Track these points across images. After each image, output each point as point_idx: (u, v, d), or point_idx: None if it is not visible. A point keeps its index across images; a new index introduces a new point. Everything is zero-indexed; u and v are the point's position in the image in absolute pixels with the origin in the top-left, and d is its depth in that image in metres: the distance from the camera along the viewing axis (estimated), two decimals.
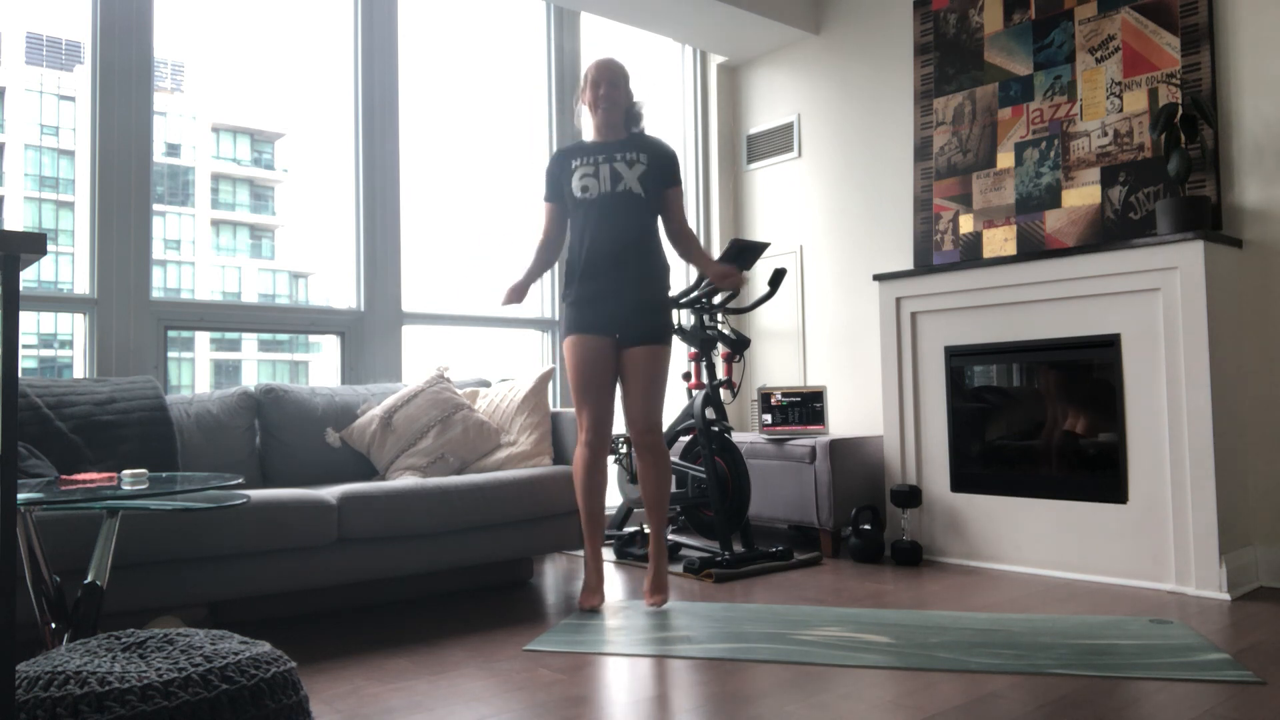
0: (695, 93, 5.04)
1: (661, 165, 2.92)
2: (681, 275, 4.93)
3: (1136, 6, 3.44)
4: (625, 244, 2.85)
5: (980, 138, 3.88)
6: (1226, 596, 2.91)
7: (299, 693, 1.55)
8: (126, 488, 1.86)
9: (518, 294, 2.92)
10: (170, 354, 3.35)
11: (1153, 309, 3.12)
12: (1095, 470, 3.29)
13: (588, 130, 3.01)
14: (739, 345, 3.71)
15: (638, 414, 2.85)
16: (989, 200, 3.84)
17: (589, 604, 2.87)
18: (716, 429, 3.65)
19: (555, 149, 3.05)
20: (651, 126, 3.19)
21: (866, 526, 3.69)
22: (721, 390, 3.97)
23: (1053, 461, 3.43)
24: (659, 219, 2.98)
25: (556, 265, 4.27)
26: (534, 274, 2.99)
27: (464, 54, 4.30)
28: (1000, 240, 3.79)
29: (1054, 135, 3.65)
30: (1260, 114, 3.16)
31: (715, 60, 5.01)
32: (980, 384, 3.66)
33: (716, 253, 4.95)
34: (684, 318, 4.72)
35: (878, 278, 3.89)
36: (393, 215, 3.86)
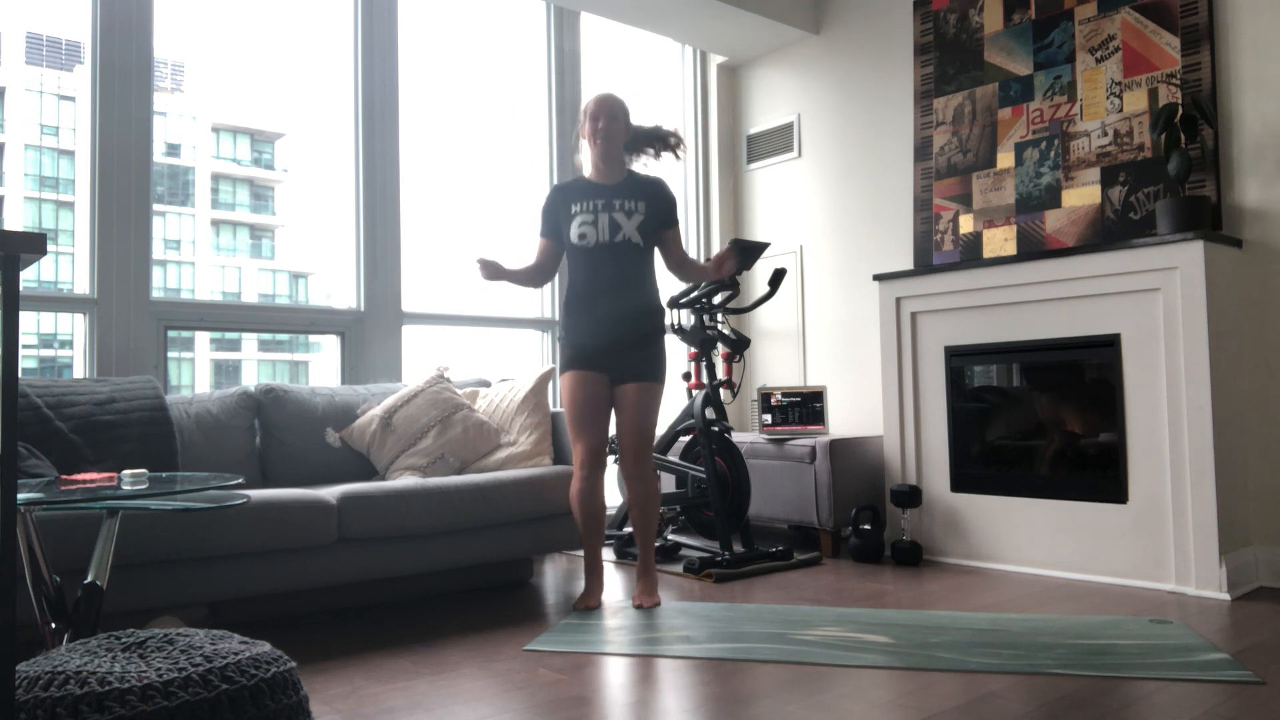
0: (695, 93, 5.04)
1: (660, 210, 2.98)
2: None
3: (1136, 6, 3.44)
4: (621, 289, 2.92)
5: (980, 138, 3.88)
6: (1226, 596, 2.91)
7: (299, 693, 1.55)
8: (126, 488, 1.86)
9: (491, 270, 2.89)
10: (170, 354, 3.34)
11: (1153, 309, 3.12)
12: (1095, 470, 3.29)
13: (586, 165, 3.03)
14: (739, 345, 3.71)
15: (627, 446, 2.94)
16: (989, 200, 3.84)
17: (584, 605, 2.90)
18: (716, 429, 3.65)
19: (554, 184, 3.06)
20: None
21: (866, 526, 3.69)
22: (721, 390, 3.97)
23: (1053, 461, 3.43)
24: (653, 257, 3.03)
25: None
26: (514, 278, 3.00)
27: (464, 54, 4.30)
28: (1000, 240, 3.79)
29: (1054, 135, 3.65)
30: (1260, 114, 3.16)
31: (715, 60, 5.01)
32: (980, 384, 3.66)
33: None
34: (684, 318, 4.72)
35: (878, 278, 3.89)
36: (393, 215, 3.86)
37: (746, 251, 3.64)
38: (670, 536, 3.85)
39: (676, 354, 4.85)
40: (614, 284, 2.91)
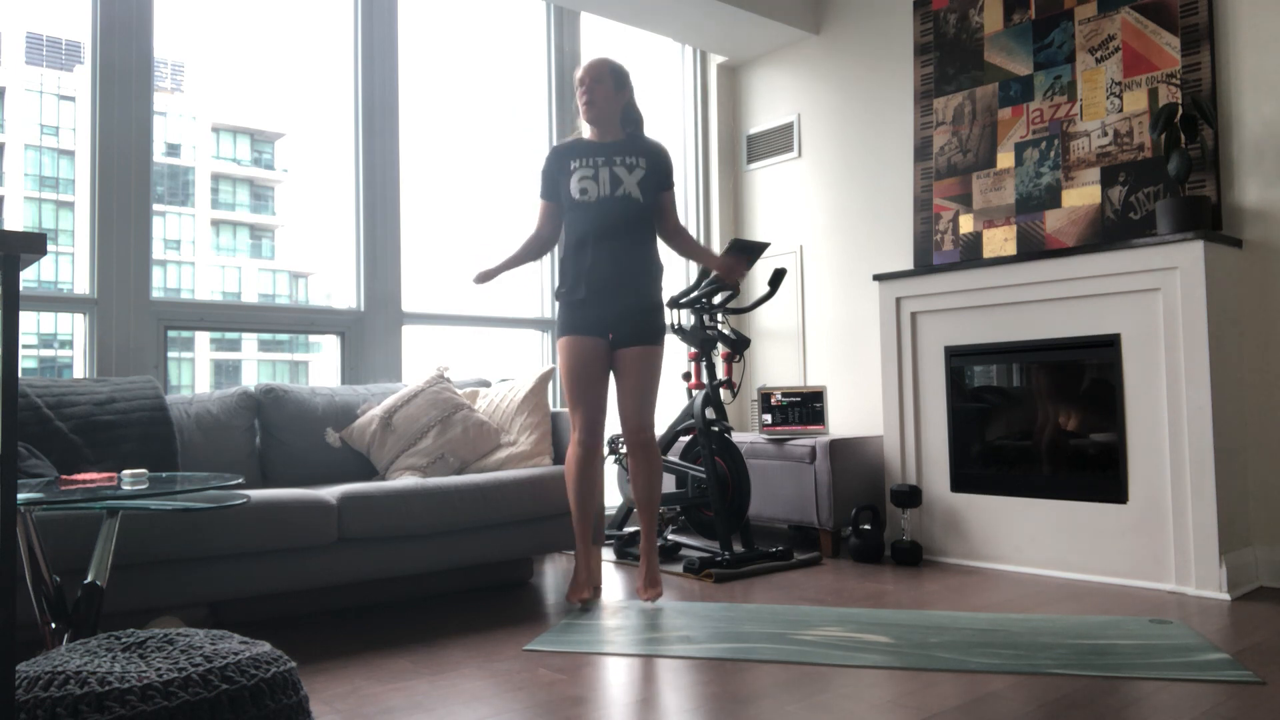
0: (695, 93, 5.04)
1: (659, 170, 2.97)
2: (680, 274, 4.93)
3: (1136, 6, 3.44)
4: (622, 247, 2.88)
5: (980, 138, 3.88)
6: (1226, 596, 2.91)
7: (299, 693, 1.55)
8: (126, 488, 1.86)
9: (486, 278, 2.93)
10: (170, 354, 3.35)
11: (1153, 309, 3.12)
12: (1095, 470, 3.29)
13: (586, 129, 3.02)
14: (739, 345, 3.71)
15: (630, 412, 2.90)
16: (989, 200, 3.84)
17: (577, 597, 2.89)
18: (716, 429, 3.65)
19: (552, 146, 3.04)
20: (651, 126, 3.20)
21: (866, 526, 3.69)
22: (721, 390, 3.97)
23: (1053, 461, 3.43)
24: (653, 221, 3.00)
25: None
26: (511, 264, 2.99)
27: (464, 54, 4.30)
28: (1000, 240, 3.79)
29: (1054, 135, 3.65)
30: (1260, 114, 3.16)
31: (715, 60, 5.01)
32: (980, 384, 3.66)
33: (717, 254, 4.95)
34: (684, 318, 4.72)
35: (878, 278, 3.89)
36: (393, 215, 3.86)
37: (746, 251, 3.64)
38: (670, 536, 3.85)
39: (676, 354, 4.85)
40: (615, 241, 2.87)
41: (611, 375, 2.97)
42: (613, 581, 3.34)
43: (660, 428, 4.46)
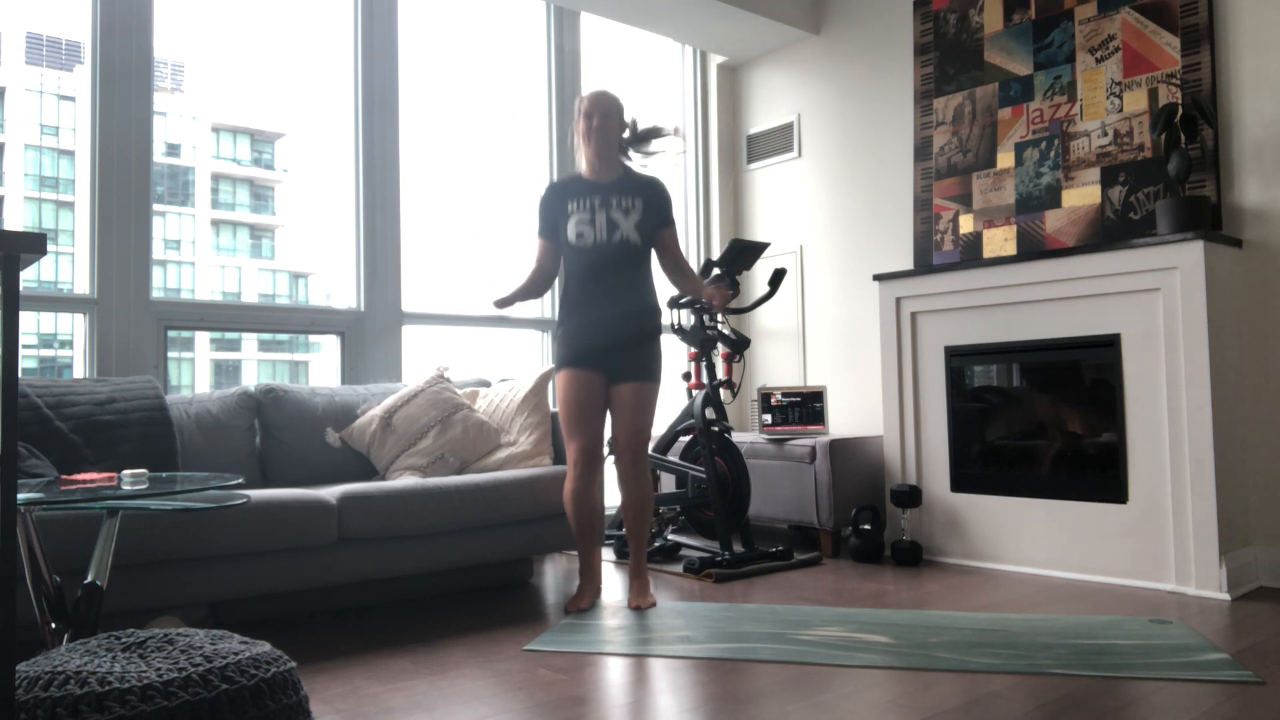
0: (695, 93, 5.04)
1: (657, 208, 2.96)
2: None
3: (1136, 6, 3.44)
4: (619, 290, 2.91)
5: (980, 138, 3.88)
6: (1226, 596, 2.91)
7: (299, 693, 1.55)
8: (126, 488, 1.86)
9: (504, 304, 2.97)
10: (170, 354, 3.34)
11: (1153, 309, 3.12)
12: (1095, 470, 3.29)
13: (582, 163, 3.00)
14: (739, 345, 3.71)
15: (623, 446, 2.93)
16: (989, 200, 3.84)
17: (575, 606, 2.90)
18: (716, 429, 3.65)
19: (550, 181, 3.04)
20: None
21: (866, 526, 3.69)
22: (721, 390, 3.97)
23: (1053, 461, 3.43)
24: (651, 257, 3.02)
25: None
26: (520, 295, 3.00)
27: (464, 54, 4.30)
28: (1000, 240, 3.79)
29: (1054, 135, 3.65)
30: (1260, 114, 3.16)
31: (715, 60, 5.01)
32: (980, 384, 3.66)
33: (716, 254, 4.95)
34: (684, 318, 4.72)
35: (878, 278, 3.89)
36: (393, 215, 3.86)
37: (746, 251, 3.64)
38: (670, 536, 3.85)
39: (676, 354, 4.85)
40: (612, 285, 2.90)
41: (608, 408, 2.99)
42: (613, 582, 3.34)
43: (659, 429, 4.46)
